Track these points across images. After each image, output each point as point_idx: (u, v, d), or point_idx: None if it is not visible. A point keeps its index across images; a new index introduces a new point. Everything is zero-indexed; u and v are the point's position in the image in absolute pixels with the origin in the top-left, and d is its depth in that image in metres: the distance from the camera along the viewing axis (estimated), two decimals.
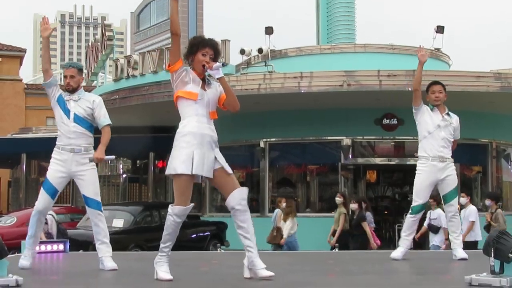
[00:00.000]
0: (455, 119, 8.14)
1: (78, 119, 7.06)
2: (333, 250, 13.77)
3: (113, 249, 12.97)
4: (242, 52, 23.24)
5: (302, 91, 18.50)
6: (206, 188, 22.60)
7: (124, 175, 29.65)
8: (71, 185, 30.26)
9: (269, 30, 23.46)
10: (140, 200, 27.71)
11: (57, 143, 7.08)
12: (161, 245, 5.92)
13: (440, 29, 24.71)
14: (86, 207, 7.18)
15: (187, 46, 6.06)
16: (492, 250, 5.27)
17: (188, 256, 9.68)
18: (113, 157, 7.24)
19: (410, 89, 18.64)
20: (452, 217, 7.93)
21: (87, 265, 7.71)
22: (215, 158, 5.88)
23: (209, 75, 6.01)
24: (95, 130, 7.25)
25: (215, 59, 5.97)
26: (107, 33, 27.64)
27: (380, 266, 7.48)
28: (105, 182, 29.73)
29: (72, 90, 7.17)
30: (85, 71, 37.29)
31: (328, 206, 21.17)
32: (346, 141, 20.59)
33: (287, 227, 14.90)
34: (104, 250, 7.04)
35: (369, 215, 14.67)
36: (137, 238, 15.75)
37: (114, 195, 28.82)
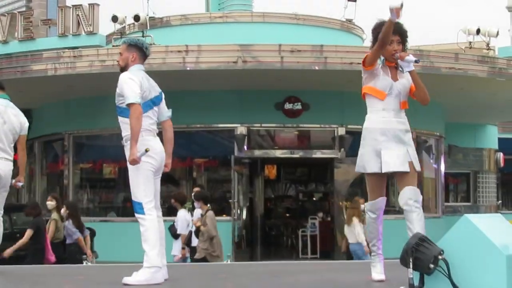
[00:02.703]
0: None
1: None
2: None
3: None
4: (115, 19, 22.96)
5: (188, 68, 18.47)
6: (69, 188, 22.29)
7: None
8: None
9: None
10: None
11: None
12: (370, 245, 7.00)
13: None
14: None
15: (372, 35, 6.79)
16: (411, 260, 5.42)
17: (46, 270, 9.54)
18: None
19: (316, 68, 19.04)
20: None
21: None
22: (407, 151, 6.75)
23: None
24: None
25: (402, 42, 6.76)
26: None
27: (281, 281, 7.59)
28: None
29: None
30: None
31: (219, 208, 21.26)
32: (241, 129, 20.70)
33: (356, 232, 15.07)
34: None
35: (69, 224, 14.13)
36: None
37: None
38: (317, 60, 18.23)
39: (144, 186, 7.06)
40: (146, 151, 6.93)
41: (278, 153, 21.68)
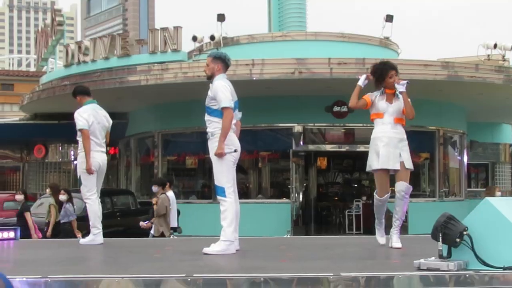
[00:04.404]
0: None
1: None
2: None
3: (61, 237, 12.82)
4: (194, 39, 23.11)
5: (254, 78, 18.49)
6: (158, 176, 22.50)
7: (75, 162, 29.32)
8: (21, 171, 29.69)
9: (221, 17, 23.35)
10: None
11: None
12: (377, 221, 7.77)
13: (389, 18, 24.95)
14: None
15: (376, 74, 7.86)
16: (440, 235, 5.37)
17: (140, 243, 9.64)
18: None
19: (359, 77, 18.83)
20: None
21: (39, 253, 7.62)
22: (400, 154, 7.50)
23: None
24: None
25: (397, 74, 7.68)
26: (57, 18, 27.24)
27: (332, 251, 7.55)
28: (56, 169, 29.38)
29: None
30: (34, 56, 36.81)
31: (280, 192, 21.26)
32: (297, 128, 20.67)
33: None
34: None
35: (70, 207, 13.75)
36: (87, 225, 15.59)
37: (65, 182, 28.47)
38: (360, 70, 18.02)
39: (226, 173, 7.04)
40: (235, 151, 7.04)
41: (328, 147, 21.60)
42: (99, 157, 8.62)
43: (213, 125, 7.13)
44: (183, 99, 20.41)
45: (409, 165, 7.51)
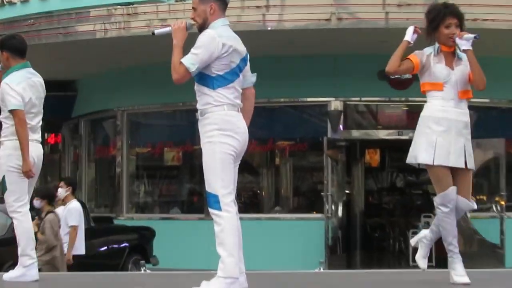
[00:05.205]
0: None
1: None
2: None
3: None
4: None
5: (269, 28, 18.48)
6: (123, 178, 22.54)
7: None
8: None
9: None
10: None
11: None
12: (445, 245, 7.75)
13: None
14: None
15: (429, 16, 7.79)
16: None
17: (98, 279, 9.70)
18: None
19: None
20: None
21: None
22: (464, 146, 7.58)
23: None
24: None
25: (460, 26, 7.62)
26: None
27: None
28: None
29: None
30: None
31: (308, 203, 21.29)
32: (335, 104, 20.65)
33: None
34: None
35: None
36: (15, 253, 15.66)
37: None
38: None
39: (222, 173, 6.76)
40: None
41: (382, 134, 21.58)
42: (34, 150, 8.54)
43: (203, 99, 6.91)
44: (161, 60, 20.37)
45: (472, 163, 7.60)
